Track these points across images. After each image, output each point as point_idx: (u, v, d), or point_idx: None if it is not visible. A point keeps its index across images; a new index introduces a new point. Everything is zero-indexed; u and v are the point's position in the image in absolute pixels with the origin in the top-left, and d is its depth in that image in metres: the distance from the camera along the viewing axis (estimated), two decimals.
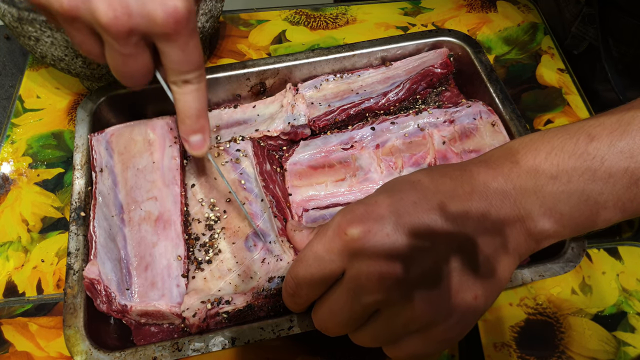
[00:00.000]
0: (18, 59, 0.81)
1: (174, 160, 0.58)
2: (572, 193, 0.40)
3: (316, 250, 0.39)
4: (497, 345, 0.54)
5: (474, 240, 0.38)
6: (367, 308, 0.38)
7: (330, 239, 0.38)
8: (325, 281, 0.40)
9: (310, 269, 0.39)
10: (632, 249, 0.60)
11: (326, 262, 0.38)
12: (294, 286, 0.42)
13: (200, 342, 0.46)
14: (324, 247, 0.38)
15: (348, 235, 0.37)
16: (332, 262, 0.38)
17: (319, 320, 0.43)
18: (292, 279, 0.41)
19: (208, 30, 0.68)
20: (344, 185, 0.59)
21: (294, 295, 0.42)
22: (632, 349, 0.54)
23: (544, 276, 0.50)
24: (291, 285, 0.42)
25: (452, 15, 0.85)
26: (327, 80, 0.67)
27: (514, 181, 0.40)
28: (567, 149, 0.41)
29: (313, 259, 0.39)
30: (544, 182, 0.40)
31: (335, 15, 0.85)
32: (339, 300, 0.39)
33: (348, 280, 0.38)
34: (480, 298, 0.38)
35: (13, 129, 0.71)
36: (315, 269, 0.39)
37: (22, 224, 0.63)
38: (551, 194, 0.40)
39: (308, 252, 0.40)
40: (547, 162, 0.41)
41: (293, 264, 0.41)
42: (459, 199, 0.39)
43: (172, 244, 0.53)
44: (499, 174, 0.41)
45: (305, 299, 0.42)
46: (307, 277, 0.40)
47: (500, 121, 0.62)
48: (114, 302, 0.49)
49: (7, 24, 0.60)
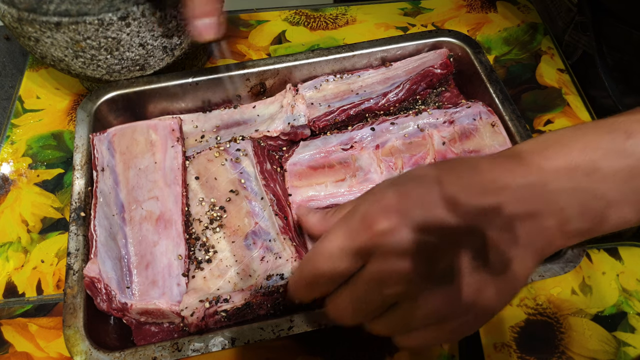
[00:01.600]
0: (18, 60, 0.81)
1: (176, 160, 0.58)
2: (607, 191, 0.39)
3: (340, 244, 0.38)
4: (497, 346, 0.54)
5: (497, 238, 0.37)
6: (386, 300, 0.38)
7: (356, 232, 0.37)
8: (347, 274, 0.39)
9: (334, 263, 0.38)
10: (632, 249, 0.60)
11: (350, 257, 0.37)
12: (312, 279, 0.40)
13: (200, 342, 0.46)
14: (350, 240, 0.37)
15: (374, 229, 0.36)
16: (356, 255, 0.37)
17: (336, 310, 0.41)
18: (311, 272, 0.40)
19: None
20: (344, 186, 0.59)
21: (311, 287, 0.41)
22: (632, 349, 0.54)
23: (544, 276, 0.50)
24: (308, 278, 0.41)
25: (452, 16, 0.85)
26: (327, 81, 0.68)
27: (546, 177, 0.39)
28: (602, 146, 0.39)
29: (338, 253, 0.38)
30: (578, 179, 0.39)
31: (335, 16, 0.85)
32: (358, 291, 0.39)
33: (370, 273, 0.37)
34: (500, 295, 0.38)
35: (13, 129, 0.71)
36: (338, 263, 0.38)
37: (22, 225, 0.63)
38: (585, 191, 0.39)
39: (330, 245, 0.38)
40: (582, 158, 0.39)
41: (312, 255, 0.40)
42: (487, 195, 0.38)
43: (173, 243, 0.53)
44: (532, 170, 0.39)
45: (322, 291, 0.41)
46: (328, 271, 0.39)
47: (500, 122, 0.62)
48: (114, 300, 0.49)
49: (7, 24, 0.60)
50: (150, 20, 0.59)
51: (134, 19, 0.58)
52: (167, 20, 0.60)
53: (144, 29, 0.59)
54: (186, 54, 0.67)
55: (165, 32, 0.62)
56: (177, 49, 0.65)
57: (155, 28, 0.60)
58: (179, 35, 0.64)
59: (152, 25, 0.60)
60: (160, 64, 0.65)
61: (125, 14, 0.57)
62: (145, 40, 0.61)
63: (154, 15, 0.59)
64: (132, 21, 0.58)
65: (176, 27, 0.62)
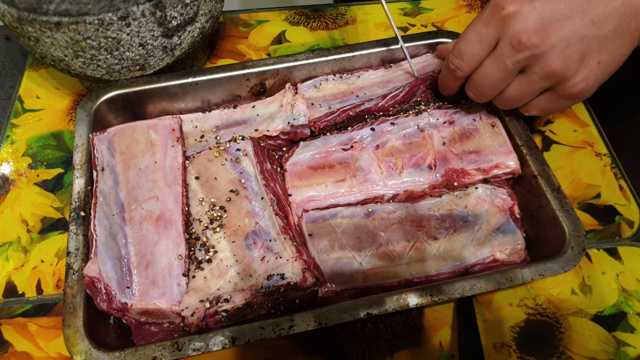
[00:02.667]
0: (18, 59, 0.81)
1: (176, 160, 0.58)
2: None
3: (476, 27, 0.52)
4: (497, 346, 0.54)
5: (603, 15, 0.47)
6: (516, 65, 0.51)
7: (488, 17, 0.50)
8: (483, 51, 0.52)
9: (471, 42, 0.52)
10: (632, 249, 0.60)
11: (484, 35, 0.51)
12: (456, 60, 0.54)
13: (201, 341, 0.46)
14: (483, 23, 0.51)
15: (505, 11, 0.49)
16: (489, 34, 0.51)
17: (474, 86, 0.55)
18: (455, 55, 0.54)
19: (208, 30, 0.68)
20: (344, 186, 0.59)
21: (456, 69, 0.55)
22: (632, 349, 0.54)
23: (544, 275, 0.50)
24: (454, 61, 0.54)
25: (452, 16, 0.85)
26: (327, 80, 0.67)
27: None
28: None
29: (474, 35, 0.52)
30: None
31: (335, 16, 0.85)
32: (492, 64, 0.52)
33: (502, 46, 0.50)
34: (602, 64, 0.49)
35: (13, 129, 0.71)
36: (475, 42, 0.52)
37: (22, 225, 0.63)
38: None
39: (469, 31, 0.52)
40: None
41: (455, 43, 0.55)
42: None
43: (173, 243, 0.53)
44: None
45: (465, 71, 0.54)
46: (468, 49, 0.53)
47: (500, 122, 0.62)
48: (114, 300, 0.49)
49: (7, 24, 0.60)
50: (150, 20, 0.59)
51: (134, 19, 0.58)
52: (167, 20, 0.60)
53: (144, 29, 0.60)
54: (186, 54, 0.67)
55: (165, 32, 0.62)
56: (177, 49, 0.65)
57: (155, 28, 0.60)
58: (179, 35, 0.64)
59: (152, 25, 0.60)
60: (160, 64, 0.65)
61: (125, 14, 0.57)
62: (145, 40, 0.61)
63: (154, 15, 0.59)
64: (132, 21, 0.58)
65: (176, 27, 0.62)
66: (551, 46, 0.48)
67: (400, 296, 0.48)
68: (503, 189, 0.59)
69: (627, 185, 0.65)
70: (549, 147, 0.69)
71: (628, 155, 0.68)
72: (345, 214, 0.57)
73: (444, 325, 0.56)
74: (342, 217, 0.57)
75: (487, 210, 0.58)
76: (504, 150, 0.60)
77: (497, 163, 0.59)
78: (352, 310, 0.48)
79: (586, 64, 0.49)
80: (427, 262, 0.54)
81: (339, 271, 0.53)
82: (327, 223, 0.56)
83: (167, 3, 0.59)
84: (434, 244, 0.55)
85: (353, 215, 0.57)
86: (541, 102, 0.54)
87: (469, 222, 0.57)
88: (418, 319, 0.56)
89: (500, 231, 0.56)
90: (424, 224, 0.57)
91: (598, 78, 0.51)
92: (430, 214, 0.57)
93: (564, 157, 0.68)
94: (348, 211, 0.57)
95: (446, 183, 0.59)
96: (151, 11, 0.58)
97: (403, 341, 0.55)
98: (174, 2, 0.59)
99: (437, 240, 0.56)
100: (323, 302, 0.52)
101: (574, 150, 0.69)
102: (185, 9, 0.61)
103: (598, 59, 0.49)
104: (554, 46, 0.48)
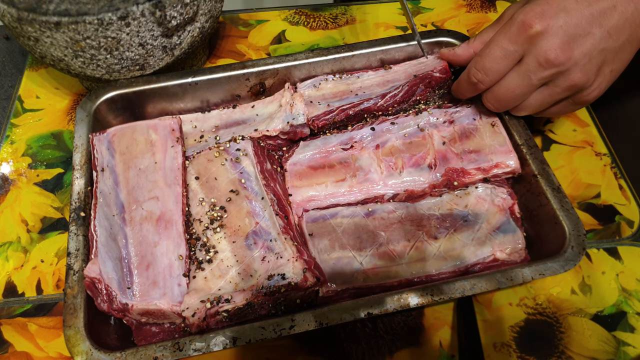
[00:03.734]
0: (18, 59, 0.81)
1: (176, 160, 0.58)
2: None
3: (502, 44, 0.52)
4: (497, 345, 0.55)
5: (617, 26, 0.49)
6: (541, 81, 0.53)
7: (515, 34, 0.51)
8: (508, 67, 0.53)
9: (497, 59, 0.53)
10: (632, 249, 0.60)
11: (510, 52, 0.52)
12: (480, 75, 0.55)
13: (202, 341, 0.46)
14: (510, 40, 0.52)
15: (533, 30, 0.50)
16: (516, 51, 0.52)
17: (495, 99, 0.57)
18: (479, 70, 0.55)
19: (208, 30, 0.68)
20: (344, 186, 0.59)
21: (478, 82, 0.56)
22: (632, 349, 0.54)
23: (545, 274, 0.50)
24: (477, 75, 0.55)
25: (452, 15, 0.85)
26: (326, 80, 0.67)
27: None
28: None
29: (500, 51, 0.53)
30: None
31: (334, 15, 0.85)
32: (517, 79, 0.53)
33: (528, 62, 0.52)
34: (613, 72, 0.52)
35: (12, 129, 0.71)
36: (501, 58, 0.53)
37: (22, 225, 0.63)
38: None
39: (494, 47, 0.53)
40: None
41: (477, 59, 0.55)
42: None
43: (173, 244, 0.53)
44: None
45: (487, 85, 0.56)
46: (493, 66, 0.54)
47: (500, 121, 0.62)
48: (114, 300, 0.49)
49: (7, 24, 0.60)
50: (149, 20, 0.59)
51: (134, 18, 0.58)
52: (167, 20, 0.60)
53: (143, 29, 0.59)
54: (186, 53, 0.67)
55: (165, 32, 0.62)
56: (177, 49, 0.65)
57: (155, 28, 0.60)
58: (179, 35, 0.64)
59: (152, 25, 0.60)
60: (160, 64, 0.65)
61: (124, 14, 0.57)
62: (145, 40, 0.61)
63: (154, 15, 0.59)
64: (131, 21, 0.58)
65: (176, 27, 0.62)
66: (575, 62, 0.50)
67: (400, 296, 0.48)
68: (503, 188, 0.59)
69: (627, 185, 0.65)
70: (548, 147, 0.69)
71: (628, 155, 0.69)
72: (346, 214, 0.57)
73: (444, 325, 0.56)
74: (343, 216, 0.57)
75: (487, 209, 0.58)
76: (504, 149, 0.60)
77: (497, 162, 0.59)
78: (352, 310, 0.48)
79: (601, 73, 0.52)
80: (427, 262, 0.54)
81: (339, 271, 0.53)
82: (328, 223, 0.56)
83: (166, 3, 0.59)
84: (434, 244, 0.55)
85: (353, 215, 0.57)
86: (555, 109, 0.57)
87: (469, 221, 0.57)
88: (418, 318, 0.56)
89: (500, 230, 0.56)
90: (424, 223, 0.57)
91: (608, 84, 0.54)
92: (431, 214, 0.57)
93: (564, 157, 0.68)
94: (348, 211, 0.57)
95: (446, 183, 0.59)
96: (151, 11, 0.58)
97: (403, 341, 0.55)
98: (173, 1, 0.59)
99: (438, 240, 0.56)
100: (324, 302, 0.52)
101: (573, 149, 0.69)
102: (185, 8, 0.61)
103: (611, 68, 0.52)
104: (578, 62, 0.50)
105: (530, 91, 0.54)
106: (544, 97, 0.55)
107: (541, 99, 0.55)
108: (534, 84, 0.53)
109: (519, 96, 0.55)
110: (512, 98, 0.55)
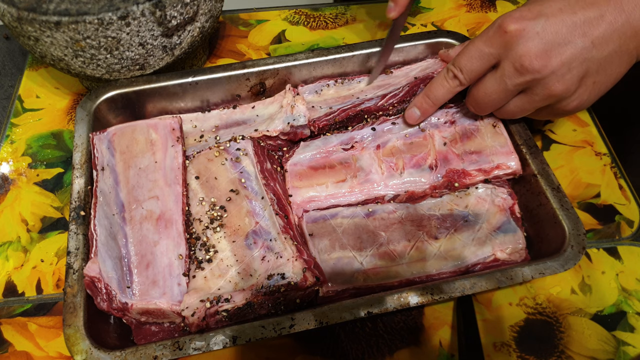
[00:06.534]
0: (18, 59, 0.81)
1: (176, 160, 0.58)
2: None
3: (478, 45, 0.52)
4: (497, 345, 0.55)
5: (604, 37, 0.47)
6: (517, 87, 0.51)
7: (491, 36, 0.51)
8: (482, 68, 0.53)
9: (472, 59, 0.53)
10: (632, 249, 0.60)
11: (485, 54, 0.51)
12: (455, 70, 0.55)
13: (201, 340, 0.46)
14: (485, 42, 0.51)
15: (507, 32, 0.49)
16: (490, 54, 0.51)
17: (474, 101, 0.56)
18: (455, 67, 0.55)
19: (208, 30, 0.68)
20: (345, 187, 0.59)
21: (454, 78, 0.56)
22: (632, 349, 0.54)
23: (544, 274, 0.50)
24: (453, 70, 0.55)
25: (452, 15, 0.85)
26: (328, 86, 0.68)
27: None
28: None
29: (475, 51, 0.52)
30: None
31: (335, 15, 0.85)
32: (493, 83, 0.53)
33: (504, 67, 0.51)
34: (596, 84, 0.51)
35: (12, 128, 0.71)
36: (475, 58, 0.52)
37: (22, 224, 0.63)
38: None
39: (471, 47, 0.53)
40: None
41: (456, 58, 0.55)
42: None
43: (173, 243, 0.53)
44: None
45: (463, 83, 0.55)
46: (468, 65, 0.53)
47: (501, 122, 0.62)
48: (114, 300, 0.49)
49: (7, 23, 0.60)
50: (150, 20, 0.59)
51: (134, 18, 0.58)
52: (167, 19, 0.60)
53: (143, 29, 0.59)
54: (186, 53, 0.67)
55: (165, 32, 0.62)
56: (177, 49, 0.65)
57: (155, 27, 0.60)
58: (179, 35, 0.64)
59: (152, 24, 0.60)
60: (160, 64, 0.65)
61: (125, 14, 0.57)
62: (145, 40, 0.61)
63: (154, 15, 0.59)
64: (131, 21, 0.58)
65: (176, 27, 0.62)
66: (552, 71, 0.49)
67: (400, 295, 0.48)
68: (503, 188, 0.59)
69: (626, 185, 0.65)
70: (548, 147, 0.69)
71: (628, 154, 0.69)
72: (346, 214, 0.57)
73: (444, 325, 0.56)
74: (343, 217, 0.57)
75: (488, 209, 0.58)
76: (505, 150, 0.60)
77: (498, 164, 0.59)
78: (352, 309, 0.48)
79: (582, 84, 0.50)
80: (428, 262, 0.54)
81: (339, 271, 0.53)
82: (328, 223, 0.56)
83: (166, 2, 0.59)
84: (434, 244, 0.55)
85: (353, 215, 0.57)
86: (537, 114, 0.57)
87: (470, 221, 0.57)
88: (418, 318, 0.56)
89: (500, 230, 0.56)
90: (425, 223, 0.57)
91: (592, 96, 0.52)
92: (431, 214, 0.57)
93: (564, 157, 0.68)
94: (348, 211, 0.57)
95: (447, 184, 0.59)
96: (151, 11, 0.58)
97: (403, 340, 0.55)
98: (173, 1, 0.59)
99: (438, 240, 0.56)
100: (324, 302, 0.52)
101: (573, 149, 0.69)
102: (185, 8, 0.61)
103: (594, 80, 0.50)
104: (555, 71, 0.49)
105: (507, 96, 0.54)
106: (524, 103, 0.54)
107: (521, 105, 0.54)
108: (509, 90, 0.52)
109: (496, 100, 0.54)
110: (490, 102, 0.55)
